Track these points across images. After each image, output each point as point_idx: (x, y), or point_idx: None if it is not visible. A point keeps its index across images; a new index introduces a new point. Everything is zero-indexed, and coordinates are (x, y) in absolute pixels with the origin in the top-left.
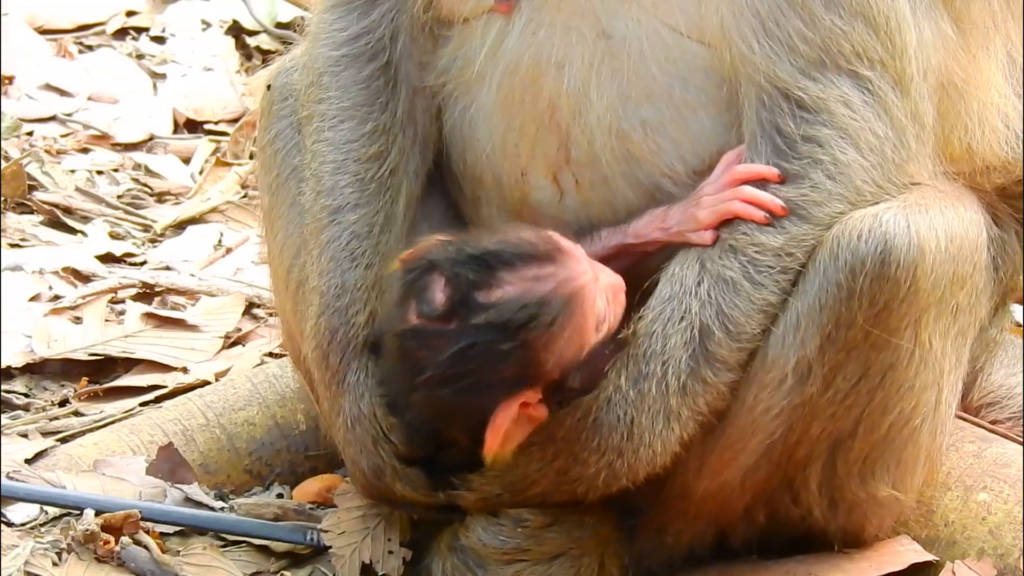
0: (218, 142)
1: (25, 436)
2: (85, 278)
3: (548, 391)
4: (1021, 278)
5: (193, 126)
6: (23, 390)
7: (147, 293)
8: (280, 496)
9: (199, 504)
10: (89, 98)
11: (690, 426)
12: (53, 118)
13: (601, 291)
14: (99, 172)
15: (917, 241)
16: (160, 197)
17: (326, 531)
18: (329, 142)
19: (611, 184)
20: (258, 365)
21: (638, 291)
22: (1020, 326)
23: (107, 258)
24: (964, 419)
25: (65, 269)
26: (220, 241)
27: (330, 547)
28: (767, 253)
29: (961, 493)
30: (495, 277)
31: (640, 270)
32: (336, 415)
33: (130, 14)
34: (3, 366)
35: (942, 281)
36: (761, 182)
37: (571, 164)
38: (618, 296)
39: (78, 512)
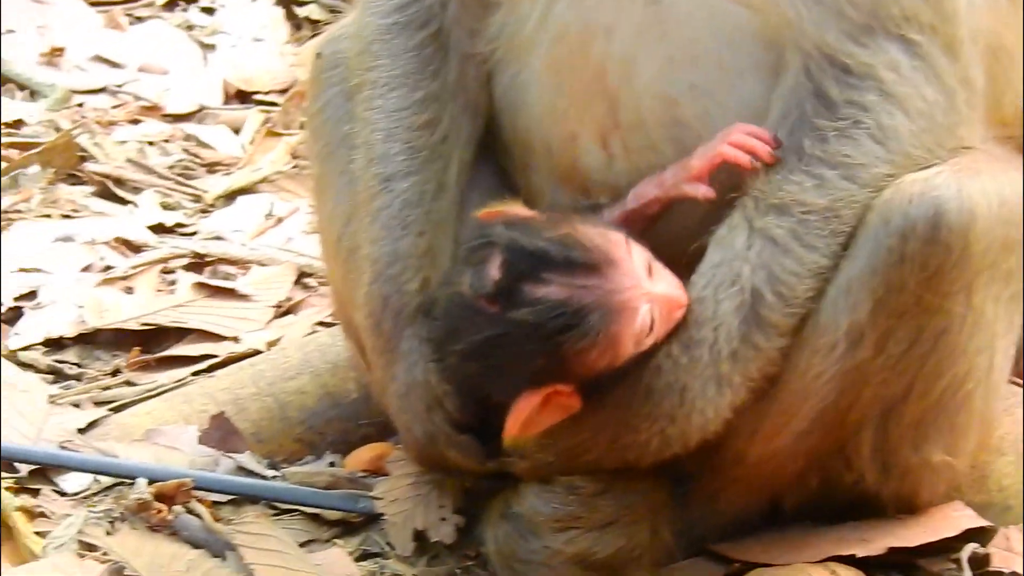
0: (268, 112)
1: (77, 406)
2: (136, 248)
3: (581, 386)
4: None
5: (243, 96)
6: (75, 360)
7: (198, 263)
8: (332, 465)
9: (251, 473)
10: (139, 69)
11: (742, 392)
12: (104, 89)
13: (652, 306)
14: (150, 143)
15: (969, 205)
16: (211, 167)
17: (378, 499)
18: (380, 110)
19: (659, 148)
20: (309, 334)
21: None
22: None
23: (158, 228)
24: (1017, 384)
25: (116, 240)
26: (271, 211)
27: (382, 515)
28: (813, 213)
29: (1015, 458)
30: (544, 275)
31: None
32: (389, 382)
33: None
34: (56, 336)
35: (994, 245)
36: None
37: (620, 128)
38: (672, 311)
39: (131, 481)
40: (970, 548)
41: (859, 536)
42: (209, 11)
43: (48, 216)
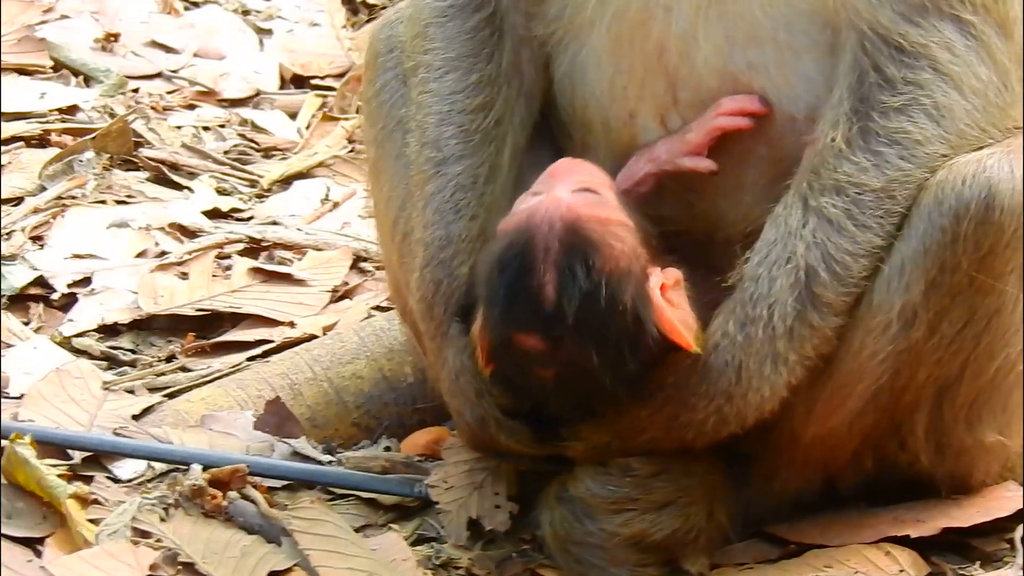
0: (324, 97)
1: (132, 392)
2: (191, 234)
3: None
4: None
5: (299, 81)
6: (130, 346)
7: (254, 248)
8: (388, 449)
9: (306, 458)
10: (195, 54)
11: (797, 371)
12: (159, 75)
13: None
14: (205, 128)
15: (1021, 186)
16: (267, 152)
17: (433, 486)
18: (434, 93)
19: None
20: (365, 319)
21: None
22: None
23: (213, 213)
24: None
25: (171, 225)
26: (327, 195)
27: (437, 502)
28: (868, 193)
29: None
30: (525, 284)
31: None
32: (441, 367)
33: None
34: (111, 322)
35: None
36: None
37: (678, 106)
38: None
39: (185, 467)
40: (1023, 528)
41: (914, 517)
42: None
43: (103, 202)
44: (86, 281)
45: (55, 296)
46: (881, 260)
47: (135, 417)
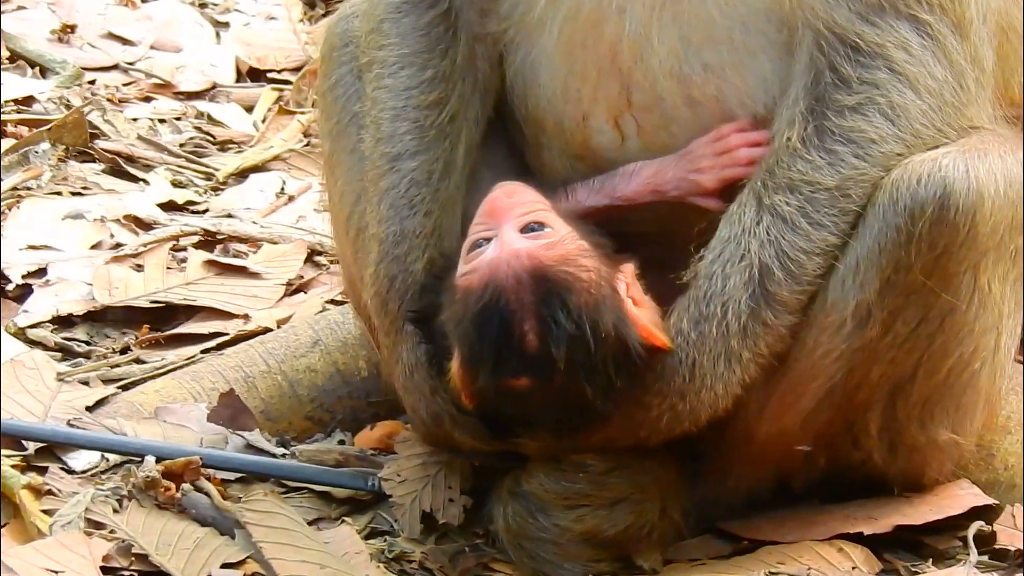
0: (281, 91)
1: (86, 383)
2: (147, 226)
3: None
4: None
5: (256, 75)
6: (84, 338)
7: (209, 241)
8: (341, 443)
9: (260, 451)
10: (152, 47)
11: (751, 368)
12: (116, 67)
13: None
14: (161, 120)
15: (976, 186)
16: (222, 145)
17: (386, 479)
18: (389, 89)
19: (672, 128)
20: (320, 312)
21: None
22: None
23: (169, 206)
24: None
25: (127, 217)
26: (282, 189)
27: (390, 496)
28: (823, 191)
29: (1021, 437)
30: (507, 335)
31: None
32: (395, 362)
33: None
34: (65, 313)
35: (1001, 226)
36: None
37: (632, 108)
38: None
39: (139, 459)
40: (976, 526)
41: (866, 514)
42: None
43: (58, 193)
44: (41, 272)
45: (10, 287)
46: (836, 259)
47: (89, 408)
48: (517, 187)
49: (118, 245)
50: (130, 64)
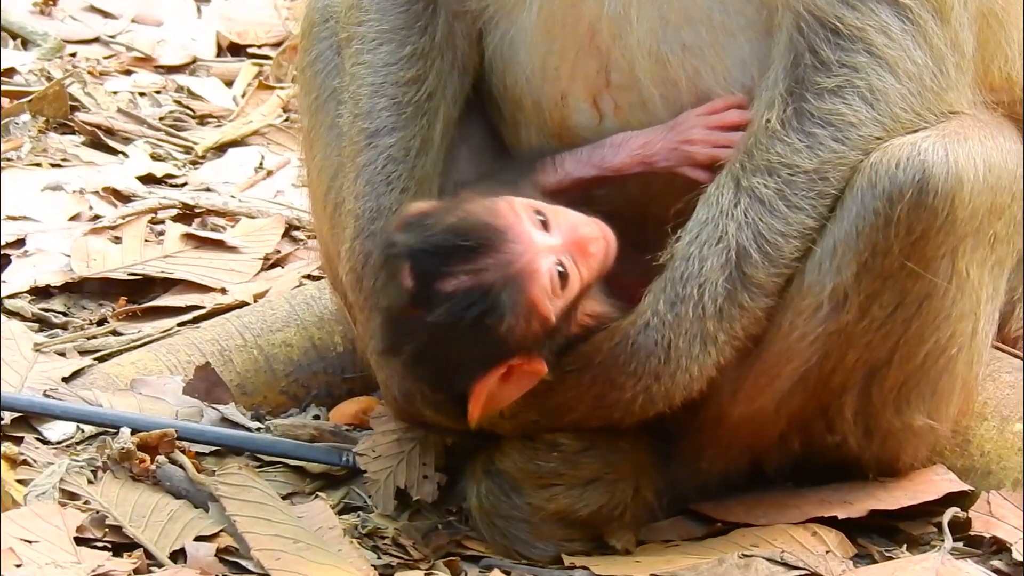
0: (261, 65)
1: (63, 355)
2: (125, 198)
3: (539, 350)
4: None
5: (236, 49)
6: (61, 309)
7: (187, 214)
8: (316, 418)
9: (235, 424)
10: (133, 20)
11: (726, 351)
12: (96, 39)
13: (557, 257)
14: (141, 94)
15: (955, 170)
16: (202, 119)
17: (361, 455)
18: (367, 65)
19: (650, 107)
20: (296, 287)
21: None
22: None
23: (148, 179)
24: (1001, 349)
25: (105, 189)
26: (261, 163)
27: (365, 471)
28: (801, 175)
29: (997, 423)
30: (447, 269)
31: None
32: (369, 339)
33: None
34: (43, 284)
35: (980, 211)
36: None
37: (610, 87)
38: (586, 249)
39: (114, 431)
40: (951, 512)
41: (841, 498)
42: None
43: (38, 165)
44: (19, 243)
45: None
46: (813, 242)
47: (65, 379)
48: (602, 232)
49: (96, 217)
50: (111, 37)
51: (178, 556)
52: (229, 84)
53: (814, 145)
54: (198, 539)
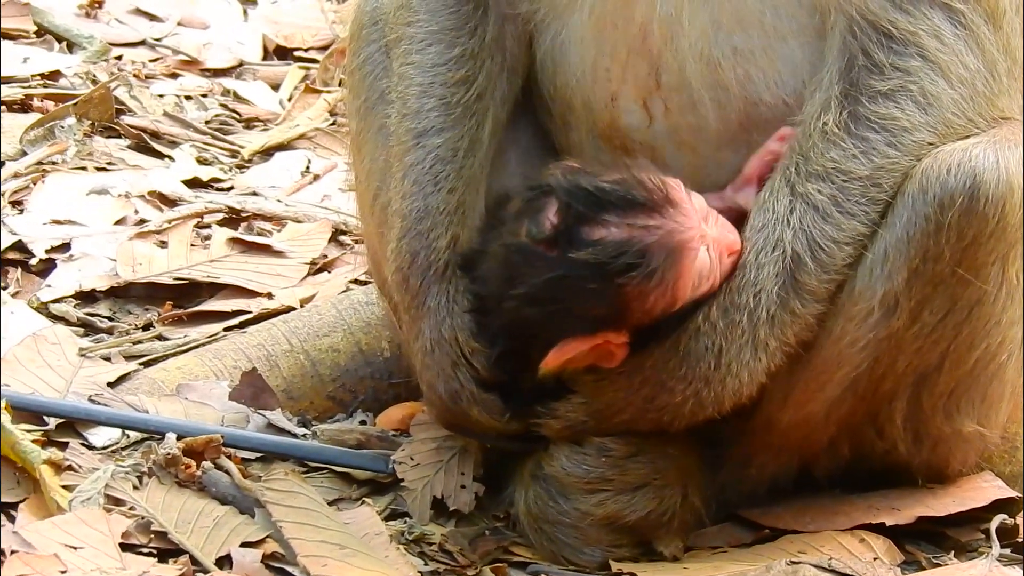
0: (308, 69)
1: (108, 359)
2: (171, 202)
3: (634, 335)
4: None
5: (283, 53)
6: (107, 313)
7: (233, 218)
8: (363, 423)
9: (281, 430)
10: (179, 23)
11: (777, 357)
12: (143, 42)
13: (710, 248)
14: (188, 97)
15: (1006, 177)
16: (248, 123)
17: (400, 462)
18: (416, 65)
19: (700, 110)
20: (343, 292)
21: None
22: None
23: (194, 183)
24: None
25: (151, 193)
26: (308, 167)
27: (402, 479)
28: (855, 182)
29: None
30: (603, 216)
31: None
32: (415, 339)
33: None
34: (88, 289)
35: None
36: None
37: (661, 89)
38: (728, 255)
39: (160, 436)
40: (999, 519)
41: (889, 505)
42: None
43: (83, 168)
44: (65, 247)
45: (33, 261)
46: (865, 248)
47: (111, 384)
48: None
49: (142, 221)
50: (157, 40)
51: (224, 562)
52: (276, 88)
53: (868, 151)
54: (244, 545)
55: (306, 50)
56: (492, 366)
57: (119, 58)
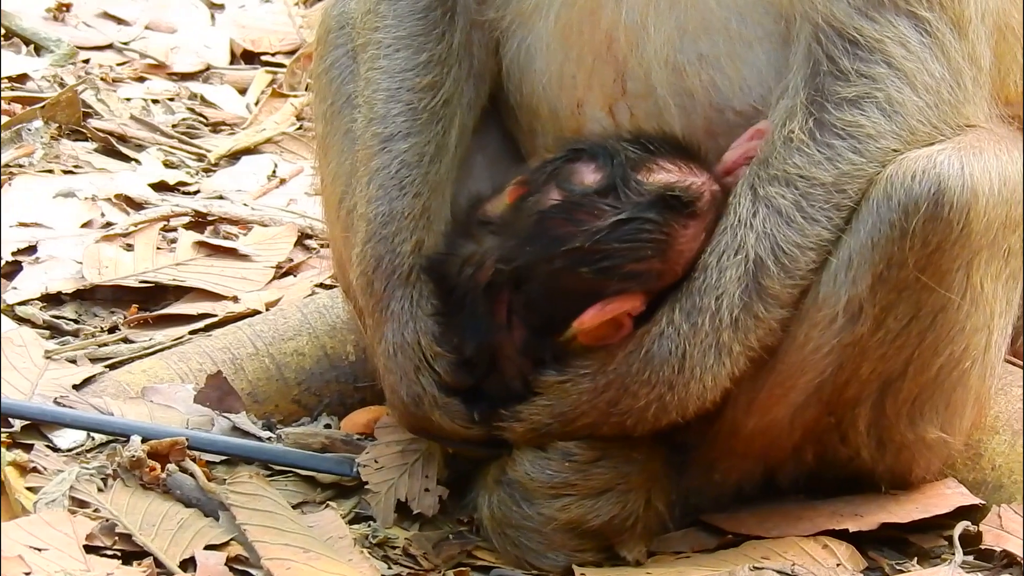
0: (275, 73)
1: (74, 362)
2: (138, 205)
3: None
4: None
5: (250, 57)
6: (73, 316)
7: (199, 222)
8: (328, 427)
9: (246, 433)
10: (146, 27)
11: (741, 362)
12: (110, 46)
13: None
14: (155, 101)
15: (971, 183)
16: (215, 127)
17: (364, 465)
18: (383, 70)
19: (665, 117)
20: (309, 295)
21: None
22: None
23: (160, 186)
24: (1013, 363)
25: (118, 196)
26: (274, 171)
27: (366, 483)
28: (819, 187)
29: (1009, 437)
30: (655, 160)
31: None
32: (378, 343)
33: None
34: (54, 291)
35: (995, 224)
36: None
37: (627, 96)
38: None
39: (125, 439)
40: (962, 526)
41: (852, 511)
42: None
43: (50, 171)
44: (31, 249)
45: None
46: (829, 253)
47: (76, 387)
48: None
49: (109, 224)
50: (124, 44)
51: (188, 565)
52: (243, 92)
53: (833, 157)
54: (208, 548)
55: (273, 54)
56: (455, 370)
57: (86, 61)
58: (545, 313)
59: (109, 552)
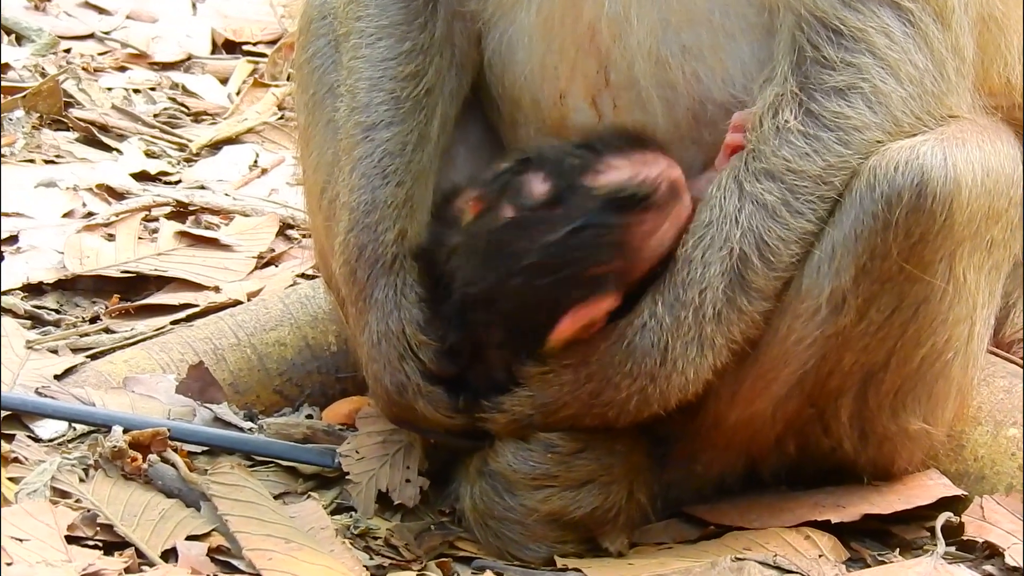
0: (256, 63)
1: (55, 352)
2: (119, 195)
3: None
4: None
5: (231, 47)
6: (54, 306)
7: (181, 212)
8: (309, 417)
9: (228, 424)
10: (128, 16)
11: (723, 354)
12: (91, 36)
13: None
14: (136, 91)
15: (954, 174)
16: (196, 117)
17: (345, 456)
18: (366, 59)
19: (648, 108)
20: (290, 286)
21: None
22: None
23: (142, 176)
24: (996, 354)
25: (99, 186)
26: (256, 161)
27: (347, 473)
28: (806, 180)
29: (991, 428)
30: (602, 161)
31: None
32: (361, 332)
33: None
34: (36, 281)
35: (977, 215)
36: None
37: (610, 87)
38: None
39: (106, 429)
40: (944, 517)
41: (835, 502)
42: None
43: (31, 161)
44: (12, 239)
45: None
46: (812, 245)
47: (57, 377)
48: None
49: (90, 214)
50: (106, 33)
51: (169, 555)
52: (224, 81)
53: (820, 149)
54: (190, 538)
55: (255, 44)
56: (439, 359)
57: (68, 51)
58: (520, 328)
59: (91, 542)
